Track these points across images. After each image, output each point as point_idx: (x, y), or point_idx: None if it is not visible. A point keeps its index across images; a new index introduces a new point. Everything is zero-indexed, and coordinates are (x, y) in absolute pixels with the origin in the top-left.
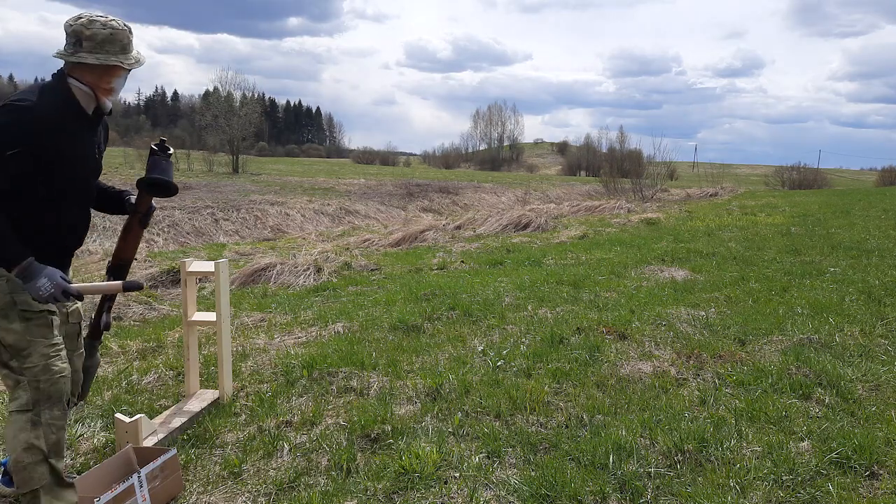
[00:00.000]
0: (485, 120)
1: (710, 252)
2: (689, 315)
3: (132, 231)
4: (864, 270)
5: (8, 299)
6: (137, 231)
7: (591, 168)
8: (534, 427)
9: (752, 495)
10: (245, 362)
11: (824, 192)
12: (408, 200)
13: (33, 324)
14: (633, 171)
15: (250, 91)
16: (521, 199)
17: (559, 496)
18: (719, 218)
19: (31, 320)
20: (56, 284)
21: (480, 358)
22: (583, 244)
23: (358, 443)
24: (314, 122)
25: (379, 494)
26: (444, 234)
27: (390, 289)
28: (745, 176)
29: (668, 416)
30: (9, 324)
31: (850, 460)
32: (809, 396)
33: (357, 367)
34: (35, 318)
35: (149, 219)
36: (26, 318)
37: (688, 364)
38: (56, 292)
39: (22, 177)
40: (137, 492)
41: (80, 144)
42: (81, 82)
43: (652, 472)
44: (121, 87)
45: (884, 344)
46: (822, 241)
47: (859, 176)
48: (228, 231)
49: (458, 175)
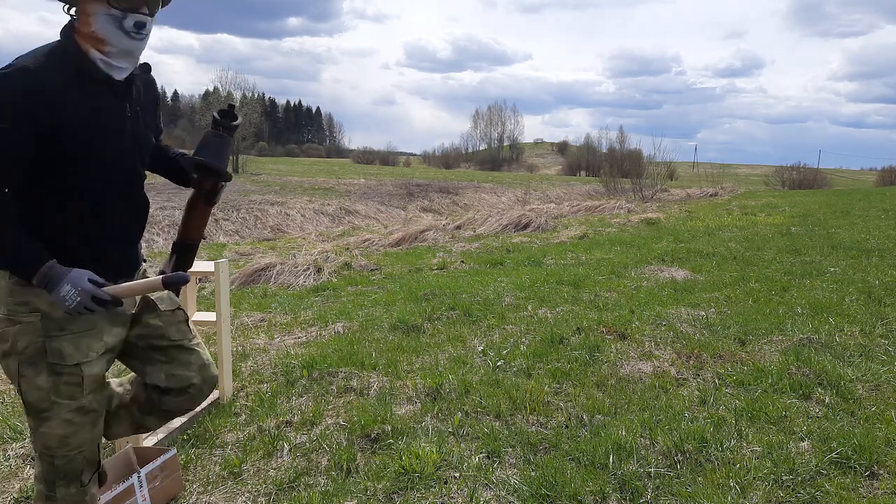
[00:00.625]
0: (485, 120)
1: (710, 252)
2: (689, 315)
3: (197, 208)
4: (864, 270)
5: (39, 344)
6: (203, 209)
7: (591, 168)
8: (534, 427)
9: (752, 495)
10: (245, 362)
11: (824, 192)
12: (408, 200)
13: (62, 381)
14: (633, 171)
15: (250, 91)
16: (521, 199)
17: (559, 496)
18: (719, 218)
19: (61, 376)
20: (82, 290)
21: (480, 358)
22: (583, 244)
23: (358, 443)
24: (314, 122)
25: (379, 494)
26: (444, 234)
27: (390, 289)
28: (745, 176)
29: (668, 416)
30: (35, 376)
31: (850, 460)
32: (809, 396)
33: (357, 367)
34: (66, 374)
35: (216, 196)
36: (55, 371)
37: (688, 364)
38: (84, 300)
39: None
40: (137, 492)
41: (96, 117)
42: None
43: (652, 472)
44: (117, 37)
45: (884, 344)
46: (822, 241)
47: (859, 176)
48: (228, 231)
49: (458, 175)
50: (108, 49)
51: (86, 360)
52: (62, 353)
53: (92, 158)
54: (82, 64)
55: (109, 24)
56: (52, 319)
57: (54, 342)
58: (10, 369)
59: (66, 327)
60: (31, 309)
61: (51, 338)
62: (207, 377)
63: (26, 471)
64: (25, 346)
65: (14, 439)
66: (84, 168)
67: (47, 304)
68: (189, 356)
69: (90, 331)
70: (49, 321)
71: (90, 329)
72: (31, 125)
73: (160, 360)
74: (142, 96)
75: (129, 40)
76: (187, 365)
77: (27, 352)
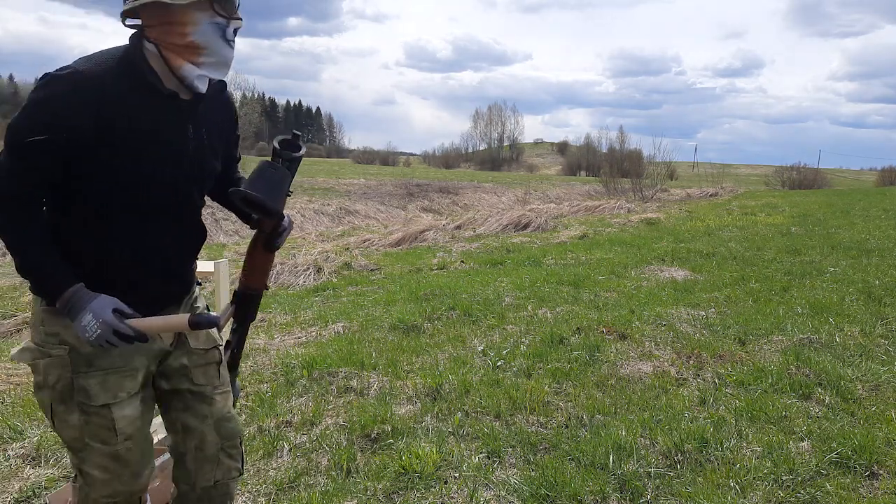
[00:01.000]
0: (485, 120)
1: (710, 252)
2: (689, 315)
3: (255, 253)
4: (864, 270)
5: (68, 380)
6: (262, 255)
7: (591, 168)
8: (534, 427)
9: (752, 495)
10: (245, 362)
11: (824, 192)
12: (408, 200)
13: (92, 422)
14: (633, 171)
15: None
16: (521, 199)
17: (559, 496)
18: (719, 218)
19: (90, 416)
20: (104, 322)
21: (480, 358)
22: (583, 244)
23: (358, 443)
24: (314, 121)
25: (379, 494)
26: (444, 234)
27: (390, 289)
28: (745, 176)
29: (668, 416)
30: (67, 414)
31: (849, 460)
32: (809, 396)
33: (357, 367)
34: (94, 414)
35: (279, 240)
36: (84, 411)
37: (688, 364)
38: (105, 333)
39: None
40: None
41: (155, 132)
42: (149, 40)
43: (652, 472)
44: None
45: (884, 344)
46: (822, 241)
47: (859, 176)
48: (228, 231)
49: (458, 175)
50: (204, 60)
51: (115, 402)
52: (88, 392)
53: (141, 180)
54: (148, 75)
55: (214, 32)
56: (80, 354)
57: (81, 379)
58: (43, 403)
59: (94, 363)
60: (59, 341)
61: (78, 374)
62: (225, 432)
63: (26, 471)
64: (55, 380)
65: (14, 439)
66: (130, 189)
67: (74, 337)
68: (207, 407)
69: (121, 369)
70: (77, 356)
71: (121, 367)
72: (77, 133)
73: (177, 406)
74: (211, 116)
75: (229, 50)
76: (202, 418)
77: (58, 387)
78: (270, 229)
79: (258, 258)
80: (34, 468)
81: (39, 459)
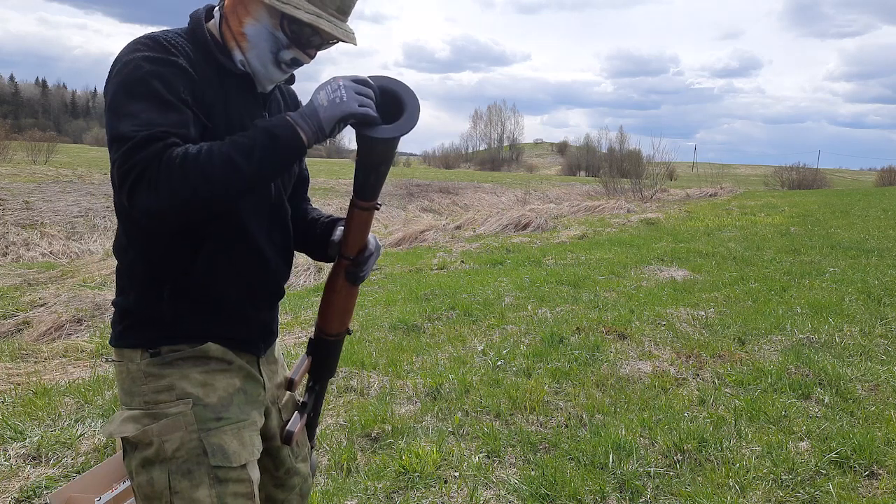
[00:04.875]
0: (484, 120)
1: (709, 252)
2: (688, 315)
3: (335, 288)
4: (863, 270)
5: (194, 442)
6: (345, 290)
7: (591, 168)
8: (533, 427)
9: (752, 495)
10: None
11: (823, 192)
12: (408, 200)
13: (228, 492)
14: (632, 172)
15: None
16: (521, 200)
17: (559, 496)
18: (719, 218)
19: (226, 484)
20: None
21: (480, 358)
22: (582, 244)
23: (358, 442)
24: None
25: (379, 494)
26: (444, 234)
27: (390, 289)
28: (744, 176)
29: (667, 416)
30: (192, 489)
31: (849, 460)
32: (809, 396)
33: (357, 367)
34: (232, 480)
35: (365, 268)
36: (219, 479)
37: (687, 364)
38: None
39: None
40: None
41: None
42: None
43: (651, 472)
44: (265, 57)
45: (883, 344)
46: (821, 241)
47: (858, 176)
48: None
49: (458, 175)
50: (248, 43)
51: (252, 459)
52: (225, 450)
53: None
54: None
55: (266, 40)
56: (207, 406)
57: (213, 436)
58: (156, 485)
59: (223, 415)
60: (178, 395)
61: (209, 431)
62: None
63: (26, 470)
64: (176, 447)
65: (14, 439)
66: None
67: (199, 385)
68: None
69: (245, 421)
70: (203, 409)
71: (245, 420)
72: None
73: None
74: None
75: (275, 70)
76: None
77: (179, 455)
78: (356, 253)
79: (339, 295)
80: (34, 468)
81: (40, 459)
